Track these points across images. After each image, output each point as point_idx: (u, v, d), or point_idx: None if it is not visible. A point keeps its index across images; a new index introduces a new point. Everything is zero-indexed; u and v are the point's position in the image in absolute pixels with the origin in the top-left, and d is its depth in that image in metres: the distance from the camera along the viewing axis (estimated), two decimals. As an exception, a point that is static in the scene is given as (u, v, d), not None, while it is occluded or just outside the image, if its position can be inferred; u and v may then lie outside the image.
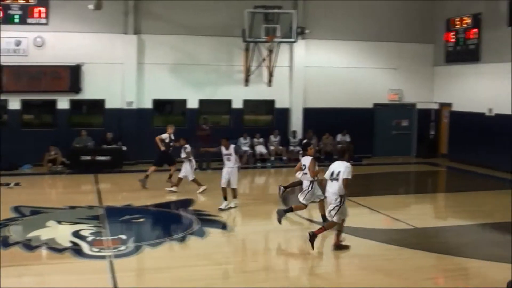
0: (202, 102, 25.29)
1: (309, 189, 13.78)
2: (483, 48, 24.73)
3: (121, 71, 23.96)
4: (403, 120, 28.33)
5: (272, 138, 25.44)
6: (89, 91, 23.81)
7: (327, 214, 12.78)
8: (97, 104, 24.40)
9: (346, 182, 12.02)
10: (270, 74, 25.58)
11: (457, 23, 25.96)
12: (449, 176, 24.70)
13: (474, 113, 25.00)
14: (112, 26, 23.97)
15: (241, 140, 24.94)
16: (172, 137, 19.91)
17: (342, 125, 26.19)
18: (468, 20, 25.37)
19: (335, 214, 12.24)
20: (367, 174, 23.49)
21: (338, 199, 12.19)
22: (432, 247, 12.86)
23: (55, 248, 12.06)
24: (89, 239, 12.78)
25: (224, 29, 24.80)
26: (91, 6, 21.07)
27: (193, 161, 19.05)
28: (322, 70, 26.52)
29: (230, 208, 16.16)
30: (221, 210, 15.85)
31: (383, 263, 11.68)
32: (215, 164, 23.25)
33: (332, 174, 12.30)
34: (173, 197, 17.82)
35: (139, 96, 24.32)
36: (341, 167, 12.21)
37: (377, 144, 27.59)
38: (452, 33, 26.25)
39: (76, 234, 13.16)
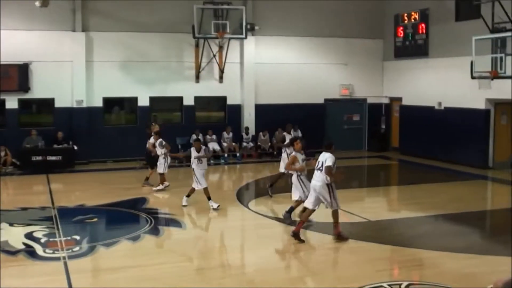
0: (153, 99, 25.09)
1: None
2: (431, 43, 25.11)
3: (70, 69, 23.58)
4: (354, 115, 28.60)
5: (225, 134, 25.40)
6: (38, 90, 23.37)
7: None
8: (47, 103, 24.01)
9: (328, 170, 12.20)
10: (221, 71, 25.56)
11: (406, 18, 26.31)
12: (400, 169, 25.02)
13: (424, 107, 25.38)
14: (60, 23, 23.58)
15: (193, 137, 24.79)
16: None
17: (294, 120, 26.20)
18: (416, 16, 25.72)
19: (334, 202, 12.54)
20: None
21: (326, 188, 12.40)
22: (386, 239, 13.01)
23: (8, 251, 11.80)
24: (43, 240, 12.56)
25: (174, 26, 24.65)
26: (37, 4, 20.69)
27: (168, 157, 18.70)
28: (273, 66, 26.57)
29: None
30: (216, 209, 15.62)
31: (339, 256, 11.77)
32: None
33: (317, 164, 12.56)
34: (127, 196, 17.60)
35: (89, 94, 23.97)
36: (325, 160, 12.41)
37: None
38: (401, 28, 26.59)
39: (29, 236, 12.92)
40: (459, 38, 22.81)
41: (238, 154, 25.34)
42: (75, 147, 23.08)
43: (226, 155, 25.09)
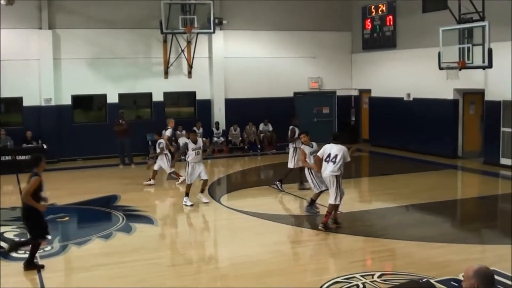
0: (122, 96, 24.92)
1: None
2: (399, 34, 25.27)
3: (37, 67, 23.28)
4: (324, 108, 28.70)
5: (195, 130, 25.26)
6: (6, 89, 22.98)
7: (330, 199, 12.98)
8: (15, 102, 23.68)
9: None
10: (190, 66, 25.47)
11: (373, 11, 26.44)
12: (371, 161, 25.15)
13: (393, 98, 25.53)
14: (26, 21, 23.23)
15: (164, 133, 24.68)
16: (177, 132, 19.88)
17: (264, 114, 26.29)
18: (383, 8, 25.86)
19: (337, 195, 12.75)
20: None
21: (335, 180, 12.70)
22: (358, 231, 13.08)
23: (-22, 252, 11.65)
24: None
25: (141, 21, 24.49)
26: (2, 2, 20.38)
27: (169, 154, 18.86)
28: (242, 61, 26.54)
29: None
30: (188, 206, 15.51)
31: (311, 249, 11.79)
32: (138, 159, 23.07)
33: (329, 156, 12.82)
34: (98, 194, 17.45)
35: (57, 92, 23.69)
36: (339, 151, 12.85)
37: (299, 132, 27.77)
38: (369, 20, 26.72)
39: (0, 236, 12.75)
40: (426, 29, 22.97)
41: (208, 149, 25.23)
42: (45, 146, 22.80)
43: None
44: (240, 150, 25.45)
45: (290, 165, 17.30)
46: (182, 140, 24.52)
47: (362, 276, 9.88)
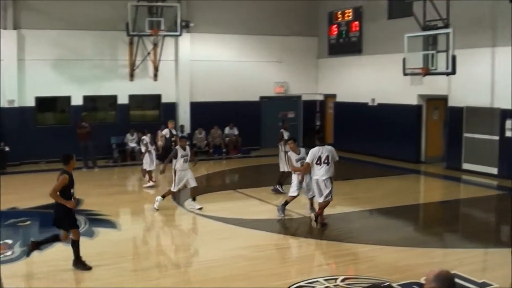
0: (86, 98, 24.68)
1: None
2: (365, 40, 25.48)
3: (1, 68, 22.94)
4: (289, 112, 28.76)
5: (160, 133, 25.11)
6: (-33, 90, 22.67)
7: (321, 198, 13.39)
8: (-24, 104, 23.31)
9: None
10: (156, 68, 25.32)
11: (339, 16, 26.62)
12: (336, 165, 25.16)
13: (358, 103, 25.72)
14: (-10, 21, 22.93)
15: (128, 136, 24.54)
16: (173, 132, 20.19)
17: (229, 118, 26.28)
18: (349, 14, 26.05)
19: (331, 194, 13.29)
20: (256, 166, 23.77)
21: (330, 181, 13.18)
22: (322, 235, 13.14)
23: None
24: (-27, 245, 12.20)
25: (107, 23, 24.27)
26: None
27: (153, 152, 19.17)
28: (208, 64, 26.51)
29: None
30: (200, 209, 15.31)
31: (275, 253, 11.80)
32: (102, 162, 22.90)
33: (319, 159, 13.18)
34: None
35: (20, 94, 23.34)
36: (329, 152, 13.29)
37: (264, 136, 27.87)
38: (335, 26, 26.89)
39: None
40: (391, 35, 23.19)
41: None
42: (7, 148, 22.46)
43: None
44: (205, 153, 25.36)
45: (283, 168, 17.35)
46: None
47: (325, 280, 9.92)
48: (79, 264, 10.77)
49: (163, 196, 15.58)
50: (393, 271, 10.43)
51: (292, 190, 14.52)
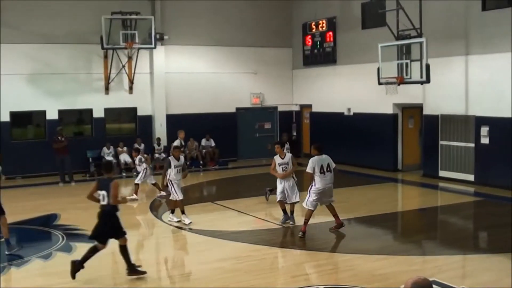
0: (62, 112, 24.53)
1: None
2: (339, 50, 25.63)
3: (-27, 83, 22.76)
4: (265, 123, 28.83)
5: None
6: None
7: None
8: (-49, 120, 23.04)
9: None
10: (131, 81, 25.29)
11: (313, 27, 26.75)
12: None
13: (334, 113, 25.84)
14: (-38, 36, 22.70)
15: (105, 150, 24.41)
16: (182, 143, 20.28)
17: (206, 130, 26.25)
18: (323, 24, 26.18)
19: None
20: (233, 177, 23.77)
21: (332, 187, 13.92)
22: (301, 245, 13.13)
23: None
24: None
25: (82, 37, 24.20)
26: None
27: (148, 169, 19.56)
28: (184, 76, 26.51)
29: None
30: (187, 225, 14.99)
31: (253, 264, 11.74)
32: (78, 177, 22.73)
33: (322, 168, 13.63)
34: (37, 213, 17.07)
35: (-6, 109, 23.17)
36: (329, 160, 13.82)
37: (241, 147, 27.90)
38: (309, 37, 27.01)
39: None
40: (366, 45, 23.33)
41: (150, 166, 24.99)
42: (-19, 164, 22.26)
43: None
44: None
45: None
46: (122, 157, 24.35)
47: (305, 290, 9.89)
48: (133, 270, 10.99)
49: (172, 211, 15.46)
50: (373, 280, 10.44)
51: (278, 196, 14.90)
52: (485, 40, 19.33)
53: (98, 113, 25.14)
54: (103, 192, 10.76)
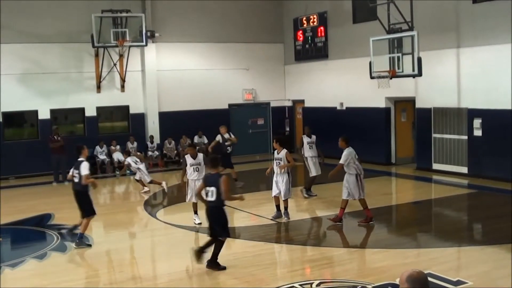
0: (54, 111, 24.46)
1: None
2: (331, 45, 25.62)
3: (-36, 84, 22.66)
4: (258, 119, 28.85)
5: (129, 144, 24.95)
6: None
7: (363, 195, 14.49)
8: None
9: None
10: (123, 79, 25.24)
11: (305, 22, 26.74)
12: (306, 170, 25.18)
13: (326, 108, 25.84)
14: (-47, 36, 22.58)
15: (98, 148, 24.36)
16: (226, 137, 20.07)
17: (198, 127, 26.21)
18: (314, 19, 26.17)
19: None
20: (226, 173, 23.67)
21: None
22: (295, 240, 13.18)
23: None
24: None
25: (72, 35, 24.13)
26: None
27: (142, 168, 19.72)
28: (175, 73, 26.47)
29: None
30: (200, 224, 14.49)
31: (249, 260, 11.74)
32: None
33: (355, 158, 14.69)
34: (32, 213, 17.01)
35: (-14, 109, 23.09)
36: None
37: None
38: (300, 32, 27.01)
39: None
40: (357, 39, 23.35)
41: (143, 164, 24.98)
42: (-26, 165, 22.21)
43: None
44: (176, 163, 25.20)
45: (313, 173, 17.99)
46: (116, 156, 24.30)
47: (301, 285, 9.90)
48: (214, 264, 10.98)
49: (195, 212, 14.74)
50: (368, 273, 10.47)
51: (273, 192, 15.03)
52: (476, 32, 19.36)
53: (90, 112, 25.08)
54: (212, 189, 10.77)
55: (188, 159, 14.53)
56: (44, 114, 24.19)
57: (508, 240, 12.12)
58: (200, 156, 14.58)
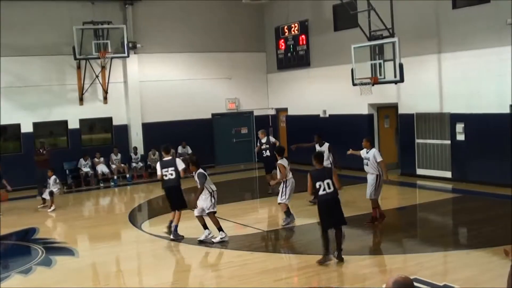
0: (36, 125, 24.30)
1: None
2: (312, 53, 25.70)
3: None
4: (242, 128, 28.83)
5: (113, 156, 24.87)
6: None
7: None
8: None
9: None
10: (105, 91, 25.18)
11: (286, 31, 26.81)
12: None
13: (309, 116, 25.88)
14: None
15: (82, 161, 24.25)
16: (263, 141, 20.36)
17: (182, 137, 26.13)
18: (296, 27, 26.25)
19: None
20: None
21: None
22: (281, 248, 13.16)
23: None
24: None
25: (54, 48, 24.03)
26: None
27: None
28: (158, 84, 26.43)
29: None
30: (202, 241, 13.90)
31: (236, 270, 11.71)
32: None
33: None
34: (16, 227, 16.86)
35: (-32, 124, 22.89)
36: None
37: (218, 153, 27.86)
38: (282, 41, 27.07)
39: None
40: (339, 47, 23.43)
41: (128, 176, 24.93)
42: (-43, 180, 21.94)
43: (115, 177, 24.55)
44: (160, 174, 25.04)
45: None
46: (100, 168, 24.18)
47: (288, 294, 9.88)
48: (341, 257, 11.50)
49: (219, 228, 13.92)
50: (355, 280, 10.48)
51: (286, 200, 15.57)
52: (456, 37, 19.49)
53: (73, 124, 24.97)
54: (328, 181, 11.85)
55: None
56: (26, 128, 24.03)
57: (493, 243, 12.17)
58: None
